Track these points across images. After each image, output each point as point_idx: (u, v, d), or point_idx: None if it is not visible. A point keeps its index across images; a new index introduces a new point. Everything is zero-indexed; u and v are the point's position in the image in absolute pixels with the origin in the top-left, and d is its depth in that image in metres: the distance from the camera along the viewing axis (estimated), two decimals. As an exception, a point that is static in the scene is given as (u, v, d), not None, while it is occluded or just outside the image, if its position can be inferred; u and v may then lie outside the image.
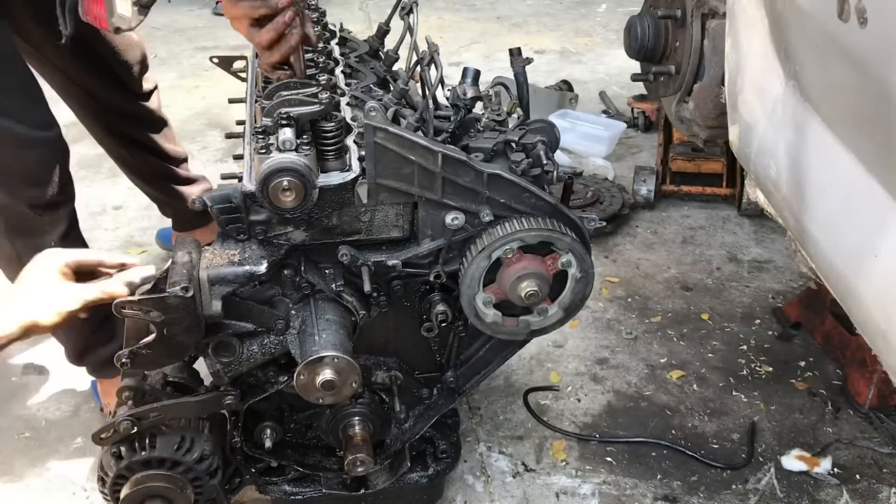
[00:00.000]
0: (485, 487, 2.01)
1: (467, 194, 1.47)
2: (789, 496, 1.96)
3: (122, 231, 3.15)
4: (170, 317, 1.34)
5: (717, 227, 3.09)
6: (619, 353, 2.44)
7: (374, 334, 1.65)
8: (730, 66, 1.88)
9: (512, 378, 2.35)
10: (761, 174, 1.75)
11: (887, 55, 1.17)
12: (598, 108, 4.08)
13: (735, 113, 1.87)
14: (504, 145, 1.54)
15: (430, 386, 1.74)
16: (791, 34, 1.55)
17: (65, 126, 1.96)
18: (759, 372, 2.35)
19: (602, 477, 2.03)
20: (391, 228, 1.51)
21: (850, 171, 1.37)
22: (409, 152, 1.42)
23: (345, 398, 1.50)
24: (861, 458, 2.06)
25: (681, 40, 2.19)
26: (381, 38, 2.09)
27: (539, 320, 1.58)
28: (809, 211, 1.52)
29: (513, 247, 1.46)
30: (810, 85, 1.52)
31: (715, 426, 2.17)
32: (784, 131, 1.62)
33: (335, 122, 1.45)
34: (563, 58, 4.87)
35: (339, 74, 1.83)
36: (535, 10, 5.77)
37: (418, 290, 1.60)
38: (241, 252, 1.44)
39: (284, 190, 1.35)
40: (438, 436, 1.82)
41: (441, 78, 1.52)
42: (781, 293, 2.68)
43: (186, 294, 1.32)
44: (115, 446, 1.50)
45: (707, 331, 2.53)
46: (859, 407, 2.18)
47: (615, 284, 2.76)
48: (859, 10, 1.20)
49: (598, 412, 2.23)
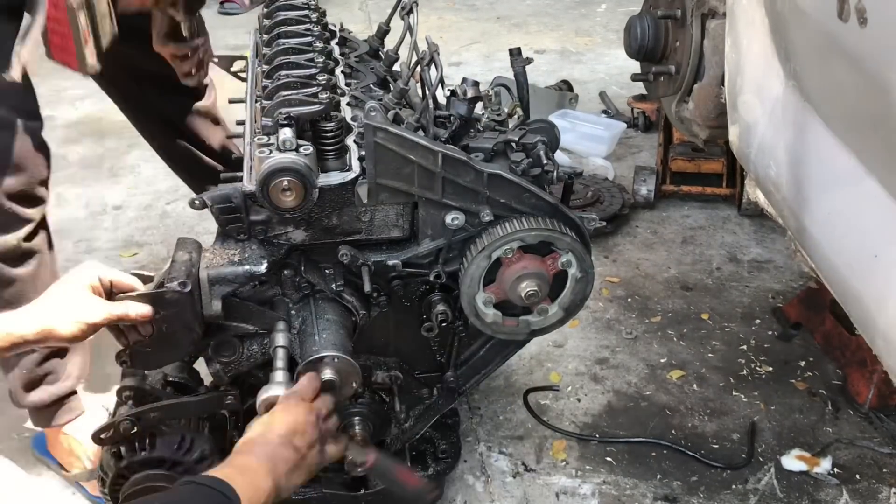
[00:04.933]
0: (485, 487, 2.01)
1: (467, 194, 1.47)
2: (789, 496, 1.96)
3: (122, 231, 3.15)
4: (168, 313, 1.33)
5: (717, 227, 3.09)
6: (619, 353, 2.44)
7: (374, 334, 1.65)
8: (730, 66, 1.88)
9: (512, 378, 2.35)
10: (761, 174, 1.75)
11: (887, 55, 1.17)
12: (598, 108, 4.08)
13: (735, 113, 1.87)
14: (504, 145, 1.54)
15: (430, 386, 1.74)
16: (791, 34, 1.56)
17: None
18: (759, 372, 2.35)
19: (602, 477, 2.03)
20: (391, 228, 1.51)
21: (850, 171, 1.37)
22: (410, 152, 1.42)
23: (345, 398, 1.50)
24: (861, 458, 2.06)
25: (681, 40, 2.19)
26: (381, 38, 2.09)
27: (539, 320, 1.58)
28: (809, 211, 1.52)
29: (513, 247, 1.46)
30: (810, 85, 1.53)
31: (715, 426, 2.17)
32: (784, 131, 1.62)
33: (335, 121, 1.45)
34: (563, 58, 4.87)
35: (339, 74, 1.83)
36: (535, 10, 5.76)
37: (418, 290, 1.60)
38: (241, 252, 1.44)
39: (284, 190, 1.35)
40: (438, 436, 1.82)
41: (441, 78, 1.52)
42: (781, 293, 2.68)
43: (184, 290, 1.32)
44: (115, 446, 1.50)
45: (707, 331, 2.53)
46: (859, 407, 2.18)
47: (615, 284, 2.76)
48: (859, 10, 1.20)
49: (598, 412, 2.23)
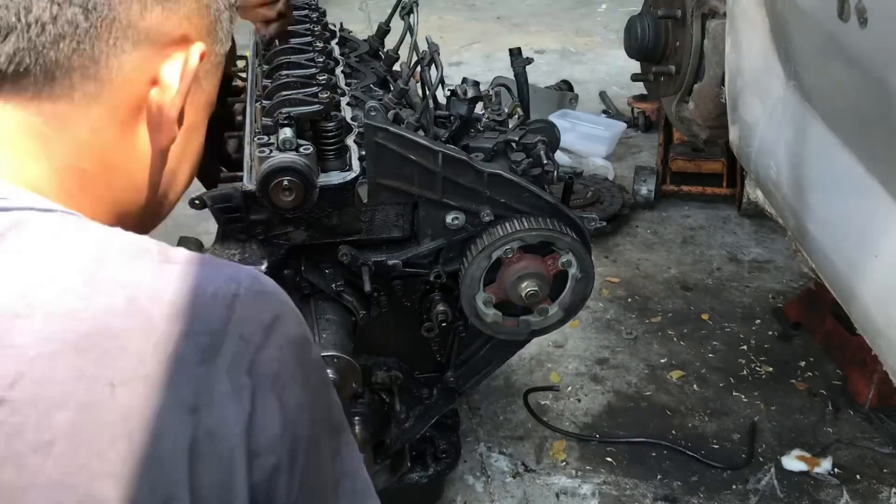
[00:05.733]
0: (485, 487, 2.01)
1: (468, 194, 1.47)
2: (789, 496, 1.96)
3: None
4: None
5: (717, 227, 3.09)
6: (620, 353, 2.44)
7: (374, 334, 1.65)
8: (730, 66, 1.88)
9: (512, 378, 2.35)
10: (761, 174, 1.75)
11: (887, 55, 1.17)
12: (598, 108, 4.08)
13: (735, 113, 1.87)
14: (504, 145, 1.54)
15: (430, 386, 1.74)
16: (791, 34, 1.56)
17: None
18: (759, 372, 2.35)
19: (602, 477, 2.03)
20: (391, 228, 1.51)
21: (850, 171, 1.37)
22: (410, 152, 1.41)
23: (345, 398, 1.50)
24: (861, 458, 2.06)
25: (681, 40, 2.19)
26: (381, 38, 2.09)
27: (539, 320, 1.58)
28: (809, 211, 1.52)
29: (513, 247, 1.46)
30: (810, 85, 1.53)
31: (715, 426, 2.17)
32: (784, 131, 1.62)
33: (335, 121, 1.45)
34: (564, 58, 4.87)
35: (339, 74, 1.83)
36: (536, 10, 5.76)
37: (418, 290, 1.60)
38: (242, 252, 1.44)
39: (284, 190, 1.35)
40: (438, 436, 1.82)
41: (441, 78, 1.52)
42: (781, 293, 2.68)
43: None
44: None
45: (707, 331, 2.53)
46: (859, 407, 2.18)
47: (615, 284, 2.76)
48: (859, 10, 1.20)
49: (598, 412, 2.23)
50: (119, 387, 0.54)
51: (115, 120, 0.67)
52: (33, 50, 0.61)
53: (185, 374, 0.56)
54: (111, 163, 0.68)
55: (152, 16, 0.66)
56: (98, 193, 0.68)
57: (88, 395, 0.53)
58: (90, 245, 0.59)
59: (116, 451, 0.53)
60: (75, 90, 0.64)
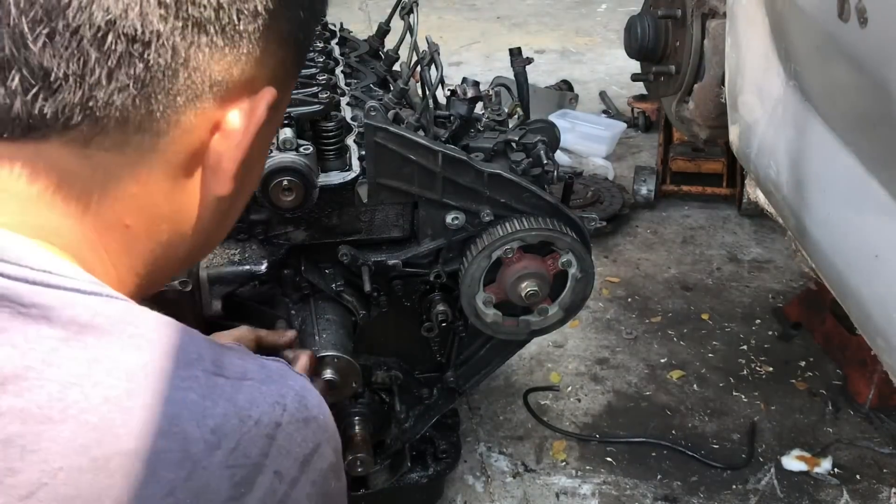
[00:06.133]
0: (485, 487, 2.01)
1: (468, 194, 1.47)
2: (789, 496, 1.96)
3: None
4: (168, 312, 1.33)
5: (717, 227, 3.09)
6: (620, 353, 2.44)
7: (374, 334, 1.65)
8: (730, 66, 1.88)
9: (512, 378, 2.35)
10: (761, 174, 1.74)
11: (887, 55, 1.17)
12: (598, 108, 4.08)
13: (735, 113, 1.87)
14: (504, 145, 1.54)
15: (430, 386, 1.74)
16: (791, 34, 1.55)
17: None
18: (759, 372, 2.35)
19: (602, 477, 2.03)
20: (391, 228, 1.51)
21: (850, 171, 1.37)
22: (410, 152, 1.42)
23: (345, 398, 1.50)
24: (861, 458, 2.06)
25: (681, 40, 2.19)
26: (381, 38, 2.09)
27: (539, 320, 1.58)
28: (809, 211, 1.52)
29: (513, 247, 1.46)
30: (810, 85, 1.52)
31: (715, 426, 2.17)
32: (784, 131, 1.62)
33: (335, 121, 1.45)
34: (564, 58, 4.87)
35: (339, 74, 1.83)
36: (535, 9, 5.76)
37: (418, 290, 1.60)
38: (242, 252, 1.44)
39: (284, 189, 1.35)
40: (438, 436, 1.82)
41: (441, 78, 1.52)
42: (781, 293, 2.68)
43: (185, 289, 1.31)
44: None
45: (707, 331, 2.53)
46: (859, 407, 2.18)
47: (615, 284, 2.76)
48: (859, 9, 1.20)
49: (598, 412, 2.23)
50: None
51: (167, 172, 0.60)
52: (87, 103, 0.54)
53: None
54: (158, 214, 0.62)
55: (220, 64, 0.58)
56: (139, 249, 0.63)
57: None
58: (142, 347, 0.55)
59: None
60: (129, 144, 0.57)
